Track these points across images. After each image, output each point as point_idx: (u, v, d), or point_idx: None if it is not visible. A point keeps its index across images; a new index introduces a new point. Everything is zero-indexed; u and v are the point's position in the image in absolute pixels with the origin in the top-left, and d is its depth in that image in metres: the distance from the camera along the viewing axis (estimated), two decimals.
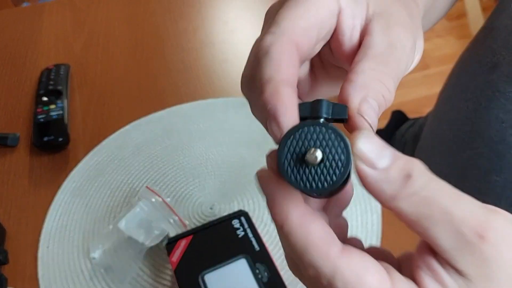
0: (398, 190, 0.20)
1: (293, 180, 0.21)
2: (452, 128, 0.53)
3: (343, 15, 0.26)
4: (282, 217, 0.22)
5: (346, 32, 0.26)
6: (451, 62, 2.12)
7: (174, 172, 0.58)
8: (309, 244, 0.21)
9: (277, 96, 0.22)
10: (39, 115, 0.62)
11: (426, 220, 0.20)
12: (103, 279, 0.48)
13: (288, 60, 0.24)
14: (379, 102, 0.23)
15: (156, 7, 0.87)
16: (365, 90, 0.23)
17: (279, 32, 0.24)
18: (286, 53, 0.24)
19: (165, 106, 0.66)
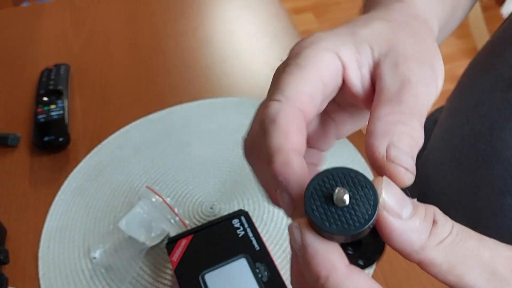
0: (426, 238, 0.20)
1: (319, 219, 0.20)
2: (465, 143, 0.50)
3: (348, 70, 0.26)
4: (328, 268, 0.20)
5: (356, 84, 0.26)
6: (451, 62, 2.13)
7: (174, 172, 0.58)
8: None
9: (288, 167, 0.22)
10: (39, 115, 0.62)
11: (459, 267, 0.20)
12: (104, 279, 0.48)
13: (296, 127, 0.23)
14: (409, 144, 0.22)
15: (156, 7, 0.87)
16: (388, 136, 0.22)
17: (285, 100, 0.24)
18: (293, 121, 0.23)
19: (165, 106, 0.67)
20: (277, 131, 0.23)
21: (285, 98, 0.24)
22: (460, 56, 2.00)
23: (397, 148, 0.22)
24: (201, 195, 0.55)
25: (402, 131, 0.22)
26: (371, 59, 0.26)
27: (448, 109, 0.56)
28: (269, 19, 0.83)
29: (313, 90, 0.25)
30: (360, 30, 0.27)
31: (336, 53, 0.26)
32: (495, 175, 0.46)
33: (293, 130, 0.23)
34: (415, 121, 0.23)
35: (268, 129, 0.23)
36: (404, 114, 0.23)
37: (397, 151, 0.22)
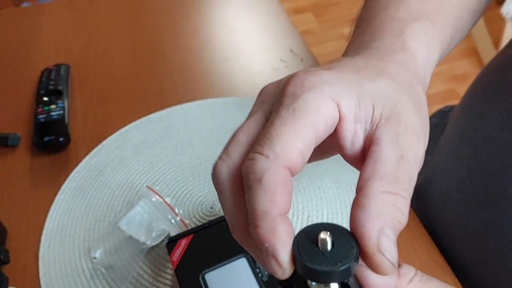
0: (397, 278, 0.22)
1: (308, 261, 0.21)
2: (473, 179, 0.46)
3: (344, 122, 0.25)
4: None
5: (347, 137, 0.25)
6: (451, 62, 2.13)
7: (174, 172, 0.58)
8: None
9: (275, 234, 0.21)
10: (39, 115, 0.62)
11: None
12: (104, 279, 0.48)
13: (283, 190, 0.22)
14: (395, 230, 0.22)
15: (156, 7, 0.87)
16: (380, 219, 0.22)
17: (273, 158, 0.23)
18: (280, 183, 0.22)
19: (165, 106, 0.67)
20: (263, 194, 0.22)
21: (274, 156, 0.23)
22: (460, 56, 2.01)
23: (388, 239, 0.21)
24: (201, 195, 0.55)
25: (394, 215, 0.22)
26: (370, 118, 0.25)
27: (455, 129, 0.51)
28: (269, 19, 0.83)
29: (304, 146, 0.24)
30: (367, 83, 0.26)
31: (337, 102, 0.25)
32: (505, 219, 0.43)
33: (279, 193, 0.22)
34: (406, 204, 0.23)
35: (253, 189, 0.23)
36: (397, 196, 0.22)
37: (388, 242, 0.21)
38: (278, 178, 0.22)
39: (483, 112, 0.46)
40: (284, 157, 0.23)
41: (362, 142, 0.25)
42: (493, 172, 0.43)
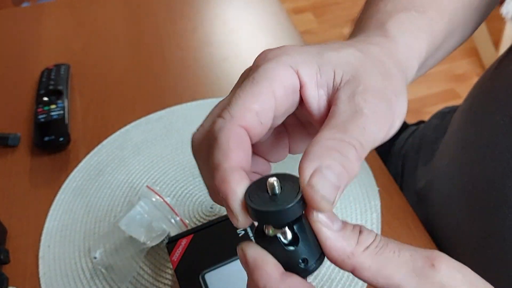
0: (355, 244, 0.23)
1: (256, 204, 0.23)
2: (476, 185, 0.46)
3: (306, 88, 0.26)
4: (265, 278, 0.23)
5: (313, 103, 0.27)
6: (451, 62, 2.13)
7: (174, 172, 0.58)
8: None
9: (226, 184, 0.23)
10: (39, 115, 0.62)
11: (386, 268, 0.22)
12: (104, 278, 0.48)
13: (236, 145, 0.24)
14: (338, 172, 0.22)
15: (155, 7, 0.87)
16: (318, 161, 0.22)
17: (229, 118, 0.25)
18: (233, 139, 0.24)
19: (165, 106, 0.67)
20: (217, 149, 0.24)
21: (229, 116, 0.25)
22: (460, 56, 2.01)
23: (321, 175, 0.22)
24: (201, 195, 0.55)
25: (335, 158, 0.23)
26: (332, 83, 0.26)
27: (457, 134, 0.51)
28: (269, 19, 0.83)
29: (262, 107, 0.25)
30: (328, 52, 0.27)
31: (295, 70, 0.26)
32: (508, 226, 0.42)
33: (232, 149, 0.24)
34: (353, 152, 0.23)
35: (212, 145, 0.25)
36: (343, 142, 0.23)
37: (320, 178, 0.22)
38: (231, 135, 0.24)
39: (485, 118, 0.46)
40: (239, 117, 0.25)
41: (326, 105, 0.27)
42: (495, 178, 0.43)
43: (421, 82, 1.92)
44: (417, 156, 0.64)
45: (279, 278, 0.23)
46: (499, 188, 0.43)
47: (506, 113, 0.43)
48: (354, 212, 0.52)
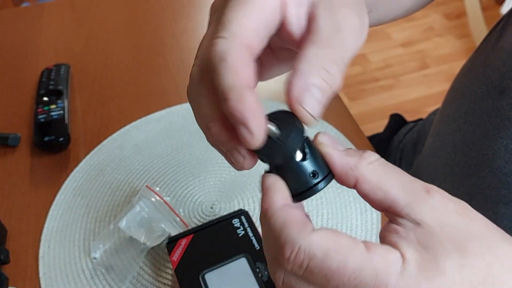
0: (359, 159, 0.25)
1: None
2: (457, 152, 0.50)
3: (288, 7, 0.27)
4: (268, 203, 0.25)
5: (293, 22, 0.27)
6: (451, 62, 2.12)
7: (174, 172, 0.58)
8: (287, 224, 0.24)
9: (244, 104, 0.23)
10: (39, 115, 0.62)
11: (385, 182, 0.24)
12: (104, 279, 0.48)
13: (245, 64, 0.24)
14: (324, 89, 0.24)
15: (155, 7, 0.87)
16: (306, 78, 0.24)
17: (231, 36, 0.25)
18: (242, 58, 0.24)
19: (165, 105, 0.67)
20: (228, 70, 0.24)
21: (231, 35, 0.25)
22: (460, 56, 2.01)
23: (309, 93, 0.24)
24: (201, 195, 0.55)
25: (322, 75, 0.24)
26: (310, 0, 0.27)
27: (441, 115, 0.56)
28: None
29: (257, 26, 0.25)
30: None
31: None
32: (487, 184, 0.46)
33: (242, 67, 0.24)
34: (337, 68, 0.25)
35: (218, 68, 0.24)
36: (327, 59, 0.25)
37: (308, 95, 0.24)
38: (239, 54, 0.24)
39: (464, 90, 0.50)
40: (241, 36, 0.25)
41: (305, 24, 0.27)
42: (474, 141, 0.47)
43: (421, 82, 1.92)
44: (414, 150, 0.66)
45: (281, 205, 0.25)
46: (478, 149, 0.46)
47: (484, 81, 0.46)
48: (354, 212, 0.52)
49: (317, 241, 0.23)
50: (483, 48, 0.51)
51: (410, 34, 2.12)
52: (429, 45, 2.08)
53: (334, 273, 0.22)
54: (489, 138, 0.45)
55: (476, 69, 0.49)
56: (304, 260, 0.22)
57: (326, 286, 0.22)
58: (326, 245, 0.22)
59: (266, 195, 0.25)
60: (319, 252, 0.22)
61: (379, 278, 0.22)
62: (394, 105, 1.83)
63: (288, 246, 0.23)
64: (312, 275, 0.22)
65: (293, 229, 0.23)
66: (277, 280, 0.24)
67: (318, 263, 0.22)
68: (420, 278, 0.22)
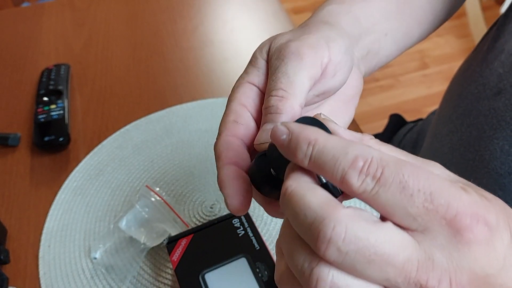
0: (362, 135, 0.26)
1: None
2: (454, 153, 0.49)
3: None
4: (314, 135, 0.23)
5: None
6: (451, 62, 2.12)
7: (174, 171, 0.58)
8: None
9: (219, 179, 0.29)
10: (39, 115, 0.62)
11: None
12: (104, 278, 0.48)
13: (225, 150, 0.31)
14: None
15: (155, 7, 0.87)
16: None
17: (218, 135, 0.32)
18: (222, 147, 0.31)
19: (165, 106, 0.67)
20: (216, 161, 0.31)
21: (218, 134, 0.33)
22: (460, 56, 2.01)
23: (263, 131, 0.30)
24: (201, 194, 0.55)
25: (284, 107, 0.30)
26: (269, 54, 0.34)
27: (438, 116, 0.56)
28: (269, 19, 0.83)
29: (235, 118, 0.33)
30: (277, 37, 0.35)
31: None
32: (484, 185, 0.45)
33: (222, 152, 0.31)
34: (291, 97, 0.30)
35: None
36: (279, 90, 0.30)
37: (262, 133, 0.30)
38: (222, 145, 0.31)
39: (461, 91, 0.50)
40: (222, 131, 0.33)
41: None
42: (471, 141, 0.47)
43: (421, 82, 1.92)
44: (414, 150, 0.66)
45: (327, 134, 0.23)
46: (474, 150, 0.46)
47: (480, 82, 0.47)
48: None
49: (387, 152, 0.23)
50: (480, 49, 0.51)
51: None
52: (429, 45, 2.08)
53: (409, 178, 0.21)
54: (485, 139, 0.45)
55: (473, 70, 0.49)
56: (378, 168, 0.21)
57: (398, 199, 0.21)
58: (395, 155, 0.22)
59: (306, 130, 0.23)
60: (391, 159, 0.21)
61: (452, 188, 0.21)
62: (394, 105, 1.83)
63: (361, 157, 0.21)
64: (385, 186, 0.21)
65: (359, 144, 0.22)
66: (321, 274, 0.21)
67: (393, 170, 0.21)
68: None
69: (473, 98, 0.47)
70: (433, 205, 0.20)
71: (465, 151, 0.48)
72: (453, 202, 0.21)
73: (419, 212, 0.21)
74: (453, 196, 0.21)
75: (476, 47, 0.53)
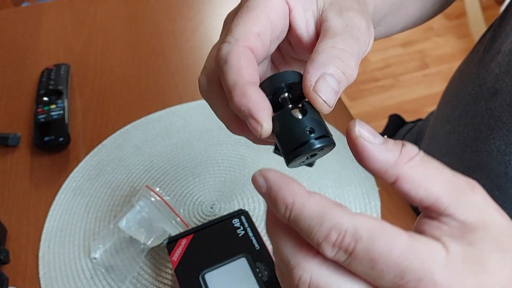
0: (398, 155, 0.23)
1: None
2: (451, 153, 0.50)
3: (295, 12, 0.29)
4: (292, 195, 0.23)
5: (301, 27, 0.29)
6: (451, 62, 2.13)
7: (174, 172, 0.58)
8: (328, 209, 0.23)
9: (247, 97, 0.25)
10: (39, 115, 0.62)
11: (427, 180, 0.23)
12: (104, 279, 0.48)
13: (247, 64, 0.26)
14: (339, 78, 0.26)
15: (155, 7, 0.87)
16: (323, 67, 0.25)
17: (234, 41, 0.27)
18: (243, 59, 0.26)
19: (165, 106, 0.67)
20: (230, 70, 0.26)
21: (234, 40, 0.27)
22: (460, 56, 2.01)
23: (325, 81, 0.25)
24: (201, 194, 0.55)
25: (338, 65, 0.26)
26: (315, 6, 0.29)
27: (436, 117, 0.56)
28: None
29: (260, 29, 0.27)
30: None
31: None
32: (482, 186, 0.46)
33: (243, 66, 0.26)
34: (352, 60, 0.26)
35: (223, 70, 0.27)
36: (344, 51, 0.26)
37: (324, 84, 0.25)
38: (240, 55, 0.26)
39: (458, 91, 0.51)
40: (243, 39, 0.27)
41: (315, 29, 0.29)
42: (467, 143, 0.47)
43: (421, 82, 1.92)
44: None
45: (306, 194, 0.23)
46: (471, 151, 0.46)
47: (477, 83, 0.47)
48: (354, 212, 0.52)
49: (362, 223, 0.22)
50: (478, 50, 0.51)
51: (410, 34, 2.12)
52: (429, 45, 2.08)
53: (380, 256, 0.21)
54: (482, 140, 0.45)
55: (470, 71, 0.50)
56: (350, 243, 0.21)
57: (369, 272, 0.21)
58: (372, 227, 0.22)
59: (286, 188, 0.23)
60: (366, 234, 0.21)
61: (425, 265, 0.21)
62: (394, 105, 1.83)
63: (334, 230, 0.22)
64: (356, 260, 0.21)
65: (337, 211, 0.22)
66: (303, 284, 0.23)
67: (364, 246, 0.21)
68: (465, 271, 0.21)
69: (470, 99, 0.47)
70: (404, 280, 0.21)
71: (462, 152, 0.48)
72: (425, 279, 0.21)
73: (390, 285, 0.21)
74: (425, 273, 0.21)
75: (473, 49, 0.54)
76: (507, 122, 0.43)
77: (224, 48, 0.27)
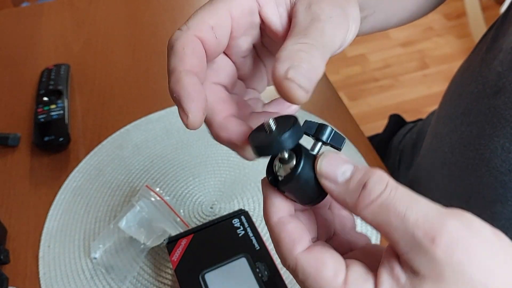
0: (357, 200, 0.23)
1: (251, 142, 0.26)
2: (454, 152, 0.50)
3: (266, 8, 0.28)
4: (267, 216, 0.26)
5: (276, 22, 0.29)
6: (451, 62, 2.12)
7: (174, 172, 0.58)
8: (280, 241, 0.25)
9: (180, 85, 0.25)
10: (39, 115, 0.62)
11: (385, 226, 0.23)
12: (104, 278, 0.48)
13: (190, 52, 0.26)
14: (307, 68, 0.24)
15: (155, 7, 0.87)
16: (289, 61, 0.24)
17: (186, 29, 0.27)
18: (188, 46, 0.26)
19: (165, 106, 0.67)
20: (173, 55, 0.26)
21: (186, 28, 0.27)
22: (460, 56, 2.01)
23: (294, 69, 0.24)
24: (201, 195, 0.55)
25: (302, 57, 0.24)
26: (288, 0, 0.29)
27: (438, 116, 0.56)
28: None
29: (217, 23, 0.27)
30: None
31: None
32: (485, 183, 0.46)
33: (187, 54, 0.26)
34: (316, 51, 0.25)
35: (168, 55, 0.27)
36: (307, 44, 0.25)
37: (294, 71, 0.24)
38: (186, 42, 0.26)
39: (461, 90, 0.51)
40: (195, 28, 0.27)
41: (288, 22, 0.29)
42: (471, 141, 0.47)
43: (421, 82, 1.92)
44: (413, 150, 0.66)
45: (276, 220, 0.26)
46: (475, 149, 0.46)
47: (480, 81, 0.47)
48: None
49: (300, 264, 0.24)
50: (480, 48, 0.52)
51: (409, 34, 2.12)
52: (429, 45, 2.08)
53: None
54: (485, 138, 0.45)
55: (473, 69, 0.50)
56: (293, 273, 0.25)
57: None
58: (307, 271, 0.24)
59: (264, 207, 0.27)
60: (300, 275, 0.24)
61: None
62: (394, 105, 1.83)
63: (281, 259, 0.26)
64: (302, 284, 0.25)
65: (283, 247, 0.25)
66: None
67: (299, 282, 0.25)
68: None
69: (473, 97, 0.48)
70: None
71: (465, 150, 0.48)
72: None
73: None
74: None
75: (475, 48, 0.54)
76: (510, 119, 0.43)
77: (175, 35, 0.27)
